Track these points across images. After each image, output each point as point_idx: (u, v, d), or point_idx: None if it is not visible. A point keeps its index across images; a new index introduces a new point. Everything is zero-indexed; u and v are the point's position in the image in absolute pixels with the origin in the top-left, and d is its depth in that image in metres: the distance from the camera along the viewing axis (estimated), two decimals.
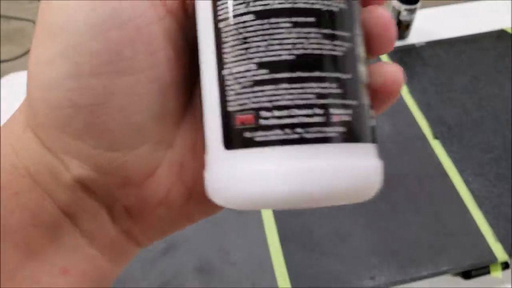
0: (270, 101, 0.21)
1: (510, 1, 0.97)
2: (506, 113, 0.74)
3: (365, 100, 0.23)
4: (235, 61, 0.21)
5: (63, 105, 0.22)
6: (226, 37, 0.22)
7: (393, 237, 0.61)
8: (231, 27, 0.21)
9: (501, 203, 0.64)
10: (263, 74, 0.21)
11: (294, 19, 0.21)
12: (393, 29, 0.25)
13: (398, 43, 0.89)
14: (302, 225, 0.62)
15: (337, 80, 0.21)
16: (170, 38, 0.24)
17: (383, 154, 0.34)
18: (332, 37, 0.21)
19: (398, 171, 0.67)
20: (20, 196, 0.23)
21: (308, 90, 0.21)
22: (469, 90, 0.77)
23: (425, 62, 0.81)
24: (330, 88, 0.21)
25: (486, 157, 0.69)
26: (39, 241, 0.23)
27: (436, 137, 0.71)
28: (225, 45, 0.22)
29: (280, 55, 0.21)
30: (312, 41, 0.21)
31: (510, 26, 0.87)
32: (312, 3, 0.21)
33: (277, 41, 0.21)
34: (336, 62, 0.21)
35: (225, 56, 0.22)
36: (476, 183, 0.66)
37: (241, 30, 0.21)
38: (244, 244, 0.61)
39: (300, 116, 0.21)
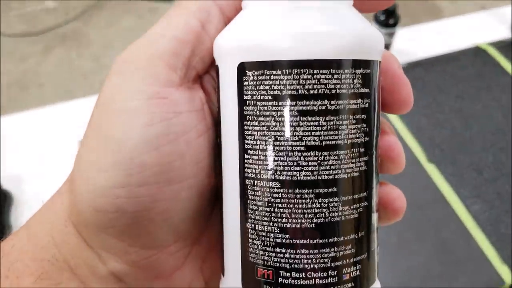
0: (290, 263, 0.22)
1: (482, 17, 0.99)
2: (493, 131, 0.75)
3: (375, 243, 0.25)
4: (259, 220, 0.23)
5: (109, 210, 0.23)
6: (252, 194, 0.23)
7: (402, 269, 0.60)
8: (258, 188, 0.23)
9: (501, 224, 0.64)
10: (284, 238, 0.22)
11: (317, 190, 0.22)
12: (402, 158, 0.27)
13: None
14: None
15: (351, 241, 0.23)
16: (213, 146, 0.25)
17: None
18: (352, 202, 0.23)
19: None
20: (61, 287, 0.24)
21: (324, 255, 0.22)
22: (455, 110, 0.77)
23: None
24: (344, 250, 0.23)
25: (480, 177, 0.69)
26: None
27: (430, 160, 0.70)
28: (250, 202, 0.23)
29: (301, 223, 0.22)
30: (332, 210, 0.22)
31: (483, 42, 0.88)
32: (335, 174, 0.22)
33: (299, 210, 0.22)
34: (352, 225, 0.23)
35: (250, 212, 0.23)
36: (475, 206, 0.66)
37: (266, 194, 0.22)
38: None
39: (315, 278, 0.22)
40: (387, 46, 0.88)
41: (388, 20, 0.87)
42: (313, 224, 0.22)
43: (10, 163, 0.75)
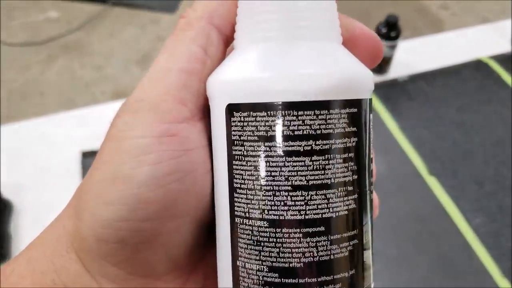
0: None
1: (483, 31, 0.99)
2: (494, 144, 0.75)
3: (368, 279, 0.24)
4: (248, 258, 0.23)
5: (111, 241, 0.23)
6: (241, 233, 0.23)
7: (403, 282, 0.60)
8: (247, 227, 0.23)
9: (502, 237, 0.64)
10: (273, 278, 0.22)
11: (305, 230, 0.22)
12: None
13: (380, 78, 0.89)
14: None
15: (341, 280, 0.23)
16: None
17: (381, 195, 0.34)
18: (341, 241, 0.23)
19: (399, 212, 0.67)
20: None
21: None
22: (456, 122, 0.77)
23: (410, 97, 0.81)
24: None
25: (481, 190, 0.69)
26: None
27: (431, 173, 0.70)
28: (240, 240, 0.23)
29: (290, 262, 0.22)
30: (321, 249, 0.22)
31: (485, 55, 0.88)
32: (323, 213, 0.22)
33: (287, 250, 0.22)
34: (342, 263, 0.23)
35: (240, 250, 0.23)
36: (476, 219, 0.66)
37: (255, 233, 0.23)
38: None
39: None
40: (388, 59, 0.88)
41: (390, 32, 0.88)
42: (302, 264, 0.22)
43: (11, 171, 0.75)
